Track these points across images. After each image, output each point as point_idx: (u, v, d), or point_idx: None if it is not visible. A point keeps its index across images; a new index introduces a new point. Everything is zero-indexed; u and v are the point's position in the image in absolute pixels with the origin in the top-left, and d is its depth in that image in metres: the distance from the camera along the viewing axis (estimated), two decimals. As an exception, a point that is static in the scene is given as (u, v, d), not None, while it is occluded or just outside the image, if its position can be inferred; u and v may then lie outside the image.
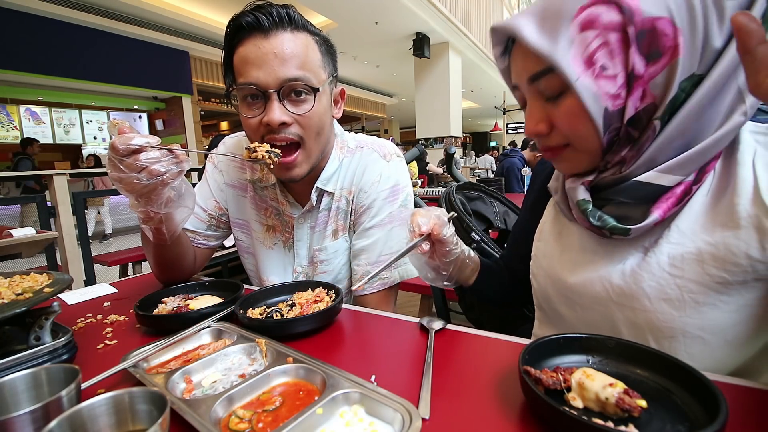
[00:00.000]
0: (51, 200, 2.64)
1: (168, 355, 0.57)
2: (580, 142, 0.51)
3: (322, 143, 0.80)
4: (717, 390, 0.35)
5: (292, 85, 0.71)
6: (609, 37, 0.45)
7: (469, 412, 0.41)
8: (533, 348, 0.45)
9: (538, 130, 0.54)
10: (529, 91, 0.54)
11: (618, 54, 0.46)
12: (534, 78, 0.51)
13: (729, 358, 0.49)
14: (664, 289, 0.49)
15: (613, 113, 0.48)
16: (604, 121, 0.48)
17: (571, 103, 0.48)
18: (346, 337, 0.63)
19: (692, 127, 0.46)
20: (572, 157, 0.54)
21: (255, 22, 0.69)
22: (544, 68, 0.49)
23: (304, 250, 0.91)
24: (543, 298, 0.66)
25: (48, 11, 5.51)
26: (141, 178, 0.61)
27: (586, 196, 0.54)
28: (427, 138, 8.85)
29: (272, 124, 0.71)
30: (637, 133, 0.49)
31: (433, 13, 7.11)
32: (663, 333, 0.49)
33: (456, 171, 3.74)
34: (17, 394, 0.41)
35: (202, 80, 7.95)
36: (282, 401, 0.44)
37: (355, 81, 11.76)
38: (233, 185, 0.94)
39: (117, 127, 0.62)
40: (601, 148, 0.51)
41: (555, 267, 0.62)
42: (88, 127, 7.83)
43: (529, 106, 0.55)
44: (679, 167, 0.48)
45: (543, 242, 0.67)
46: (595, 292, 0.55)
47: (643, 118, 0.48)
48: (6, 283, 0.60)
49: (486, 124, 22.47)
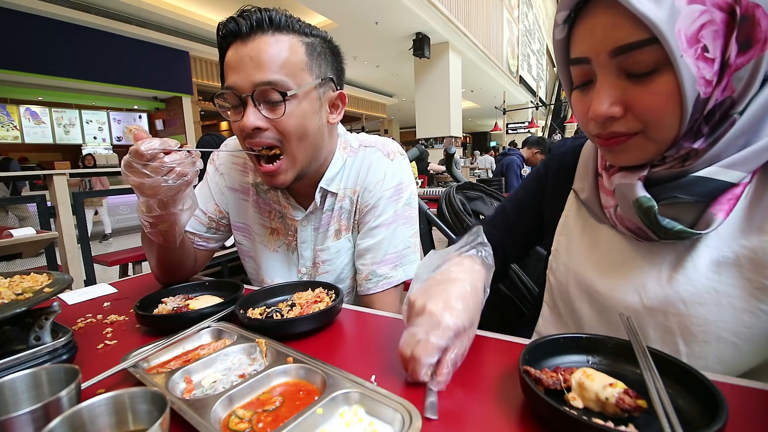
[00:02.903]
0: (51, 200, 2.64)
1: (168, 355, 0.57)
2: (658, 129, 0.45)
3: (308, 149, 0.77)
4: (717, 390, 0.35)
5: (263, 90, 0.70)
6: (715, 16, 0.40)
7: (469, 412, 0.41)
8: (533, 348, 0.45)
9: (611, 112, 0.46)
10: (608, 65, 0.46)
11: (720, 36, 0.41)
12: (622, 50, 0.44)
13: (753, 362, 0.48)
14: (701, 293, 0.47)
15: (702, 101, 0.43)
16: (693, 108, 0.43)
17: (665, 83, 0.43)
18: (346, 337, 0.63)
19: (759, 124, 0.44)
20: (640, 146, 0.48)
21: (235, 28, 0.70)
22: (643, 39, 0.42)
23: (308, 252, 0.90)
24: (560, 294, 0.63)
25: (48, 11, 5.51)
26: (168, 180, 0.62)
27: (646, 194, 0.48)
28: (427, 138, 8.85)
29: (245, 129, 0.71)
30: (707, 129, 0.45)
31: (433, 13, 7.11)
32: (696, 337, 0.48)
33: (456, 171, 3.75)
34: (17, 394, 0.41)
35: (202, 80, 7.95)
36: (282, 401, 0.44)
37: (355, 81, 11.76)
38: (234, 188, 0.94)
39: (133, 133, 0.63)
40: (675, 139, 0.46)
41: (581, 266, 0.59)
42: (88, 127, 7.83)
43: (601, 84, 0.47)
44: (743, 163, 0.44)
45: (566, 236, 0.63)
46: (627, 299, 0.52)
47: (717, 113, 0.44)
48: (6, 283, 0.60)
49: (486, 124, 22.48)
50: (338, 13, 6.56)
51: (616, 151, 0.50)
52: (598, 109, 0.47)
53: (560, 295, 0.63)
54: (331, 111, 0.82)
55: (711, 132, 0.45)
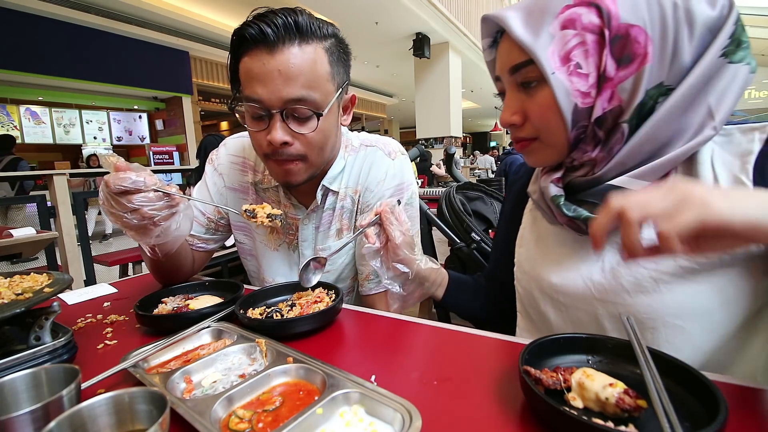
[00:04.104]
0: (51, 200, 2.64)
1: (168, 355, 0.57)
2: (549, 135, 0.54)
3: (326, 155, 0.79)
4: (717, 390, 0.35)
5: (296, 108, 0.69)
6: (586, 38, 0.48)
7: (469, 412, 0.41)
8: (533, 348, 0.45)
9: (512, 120, 0.57)
10: (509, 82, 0.56)
11: (592, 54, 0.49)
12: (515, 69, 0.54)
13: (716, 349, 0.50)
14: (640, 283, 0.51)
15: (581, 110, 0.51)
16: (572, 117, 0.51)
17: (545, 95, 0.51)
18: (346, 337, 0.63)
19: (662, 134, 0.49)
20: (540, 150, 0.57)
21: (260, 34, 0.65)
22: (525, 60, 0.52)
23: (309, 251, 0.90)
24: (528, 302, 0.66)
25: (48, 11, 5.51)
26: (131, 218, 0.61)
27: (558, 192, 0.57)
28: (427, 138, 8.84)
29: (274, 144, 0.70)
30: (603, 134, 0.52)
31: (433, 13, 7.11)
32: (645, 324, 0.51)
33: (456, 171, 3.75)
34: (17, 394, 0.41)
35: (202, 80, 7.94)
36: (282, 401, 0.44)
37: (355, 81, 11.75)
38: (234, 188, 0.94)
39: (112, 162, 0.61)
40: (568, 144, 0.54)
41: (538, 269, 0.63)
42: (88, 127, 7.82)
43: (507, 96, 0.58)
44: (652, 173, 0.50)
45: (524, 248, 0.68)
46: (579, 290, 0.57)
47: (609, 119, 0.51)
48: (6, 283, 0.60)
49: (486, 124, 22.45)
50: (338, 13, 6.55)
51: (526, 153, 0.60)
52: (503, 116, 0.58)
53: (528, 302, 0.66)
54: (343, 113, 0.82)
55: (606, 137, 0.52)
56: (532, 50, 0.50)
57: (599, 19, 0.47)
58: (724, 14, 0.47)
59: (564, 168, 0.58)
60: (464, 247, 1.48)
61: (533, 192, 0.64)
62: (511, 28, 0.51)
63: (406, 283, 0.69)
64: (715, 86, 0.47)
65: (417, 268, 0.68)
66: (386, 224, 0.65)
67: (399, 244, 0.65)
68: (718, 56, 0.47)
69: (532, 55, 0.50)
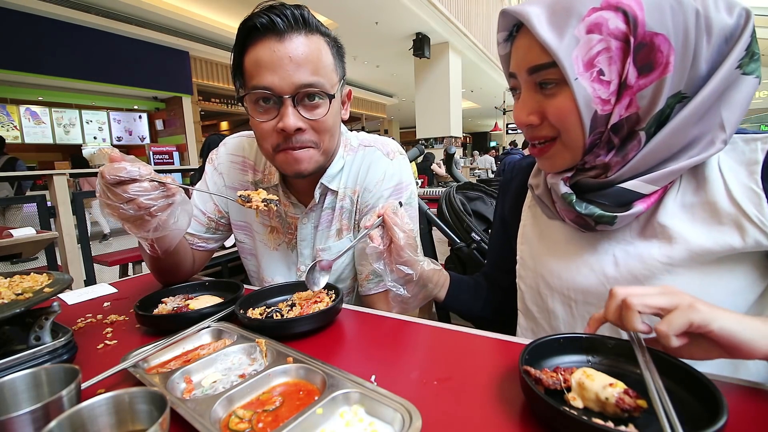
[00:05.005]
0: (51, 200, 2.64)
1: (168, 355, 0.57)
2: (569, 135, 0.53)
3: (334, 144, 0.81)
4: (717, 390, 0.35)
5: (308, 91, 0.70)
6: (611, 44, 0.47)
7: (469, 412, 0.41)
8: (533, 348, 0.45)
9: (530, 120, 0.56)
10: (527, 81, 0.55)
11: (616, 62, 0.48)
12: (534, 69, 0.53)
13: None
14: (654, 274, 0.52)
15: (600, 117, 0.51)
16: (591, 123, 0.51)
17: (564, 99, 0.51)
18: (346, 337, 0.63)
19: (677, 142, 0.50)
20: (559, 153, 0.56)
21: (269, 23, 0.67)
22: (548, 62, 0.50)
23: (307, 250, 0.90)
24: (532, 299, 0.66)
25: (48, 11, 5.51)
26: (127, 209, 0.60)
27: (568, 190, 0.57)
28: (427, 138, 8.84)
29: (288, 130, 0.70)
30: (617, 140, 0.52)
31: (433, 13, 7.11)
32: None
33: (456, 171, 3.74)
34: (17, 394, 0.41)
35: (202, 80, 7.94)
36: (282, 401, 0.44)
37: (355, 81, 11.75)
38: (234, 187, 0.94)
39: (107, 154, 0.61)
40: (584, 148, 0.54)
41: (544, 265, 0.63)
42: (88, 127, 7.82)
43: (523, 96, 0.56)
44: (664, 179, 0.51)
45: (527, 244, 0.68)
46: (592, 285, 0.57)
47: (625, 126, 0.51)
48: (6, 283, 0.60)
49: (486, 124, 22.47)
50: (338, 13, 6.55)
51: (544, 159, 0.59)
52: (518, 117, 0.57)
53: (533, 299, 0.66)
54: (342, 107, 0.84)
55: (621, 144, 0.52)
56: (556, 53, 0.48)
57: (625, 25, 0.46)
58: (740, 24, 0.47)
59: (575, 169, 0.57)
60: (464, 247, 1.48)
61: (536, 186, 0.64)
62: (535, 28, 0.49)
63: (409, 285, 0.68)
64: (729, 97, 0.48)
65: (420, 269, 0.67)
66: (389, 226, 0.65)
67: (402, 245, 0.64)
68: (734, 68, 0.47)
69: (556, 57, 0.48)
